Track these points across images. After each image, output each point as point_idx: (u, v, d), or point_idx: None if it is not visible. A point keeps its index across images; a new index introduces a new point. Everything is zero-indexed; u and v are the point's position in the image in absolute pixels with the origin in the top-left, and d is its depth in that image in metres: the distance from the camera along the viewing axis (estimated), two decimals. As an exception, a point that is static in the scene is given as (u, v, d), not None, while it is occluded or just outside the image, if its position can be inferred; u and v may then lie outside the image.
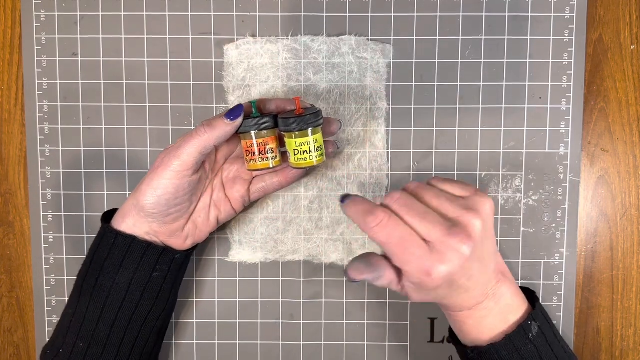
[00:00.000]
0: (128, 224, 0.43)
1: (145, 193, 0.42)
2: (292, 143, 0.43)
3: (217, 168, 0.47)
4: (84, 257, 0.52)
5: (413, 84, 0.51)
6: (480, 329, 0.40)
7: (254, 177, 0.48)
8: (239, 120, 0.42)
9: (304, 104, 0.45)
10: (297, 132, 0.43)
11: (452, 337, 0.44)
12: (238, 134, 0.44)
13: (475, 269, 0.37)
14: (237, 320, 0.53)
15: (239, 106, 0.42)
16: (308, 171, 0.50)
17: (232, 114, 0.42)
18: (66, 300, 0.46)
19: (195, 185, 0.43)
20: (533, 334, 0.39)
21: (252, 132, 0.44)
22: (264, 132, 0.44)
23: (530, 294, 0.43)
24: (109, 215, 0.45)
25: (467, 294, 0.38)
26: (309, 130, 0.43)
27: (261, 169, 0.45)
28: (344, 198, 0.39)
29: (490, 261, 0.38)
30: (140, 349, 0.44)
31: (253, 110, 0.44)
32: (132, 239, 0.43)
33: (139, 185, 0.43)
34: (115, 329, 0.43)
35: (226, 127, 0.42)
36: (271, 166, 0.45)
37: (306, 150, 0.43)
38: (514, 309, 0.40)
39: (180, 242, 0.45)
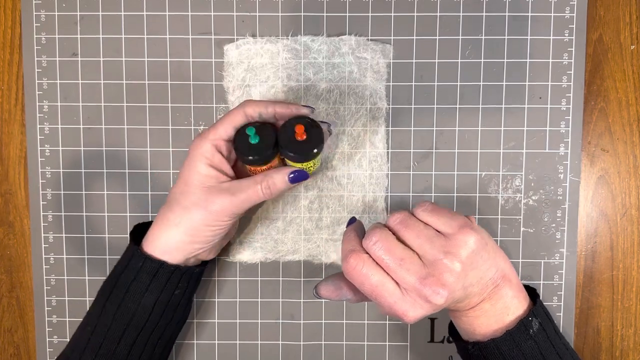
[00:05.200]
0: (166, 256, 0.43)
1: (201, 234, 0.42)
2: (294, 165, 0.43)
3: None
4: (83, 256, 0.52)
5: (413, 84, 0.51)
6: (477, 326, 0.40)
7: None
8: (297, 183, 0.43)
9: (302, 110, 0.43)
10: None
11: (452, 333, 0.44)
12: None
13: (461, 294, 0.37)
14: (237, 320, 0.53)
15: (304, 175, 0.42)
16: None
17: (297, 180, 0.42)
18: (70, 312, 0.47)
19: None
20: (534, 329, 0.39)
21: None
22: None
23: (531, 292, 0.43)
24: (137, 230, 0.46)
25: (459, 304, 0.39)
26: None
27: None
28: (349, 222, 0.42)
29: (481, 279, 0.38)
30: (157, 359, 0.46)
31: (250, 135, 0.41)
32: (160, 264, 0.43)
33: (182, 221, 0.42)
34: (135, 347, 0.43)
35: (286, 188, 0.43)
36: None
37: (309, 167, 0.44)
38: (512, 309, 0.40)
39: (211, 255, 0.47)
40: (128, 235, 0.46)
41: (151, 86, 0.51)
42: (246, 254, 0.52)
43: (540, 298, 0.49)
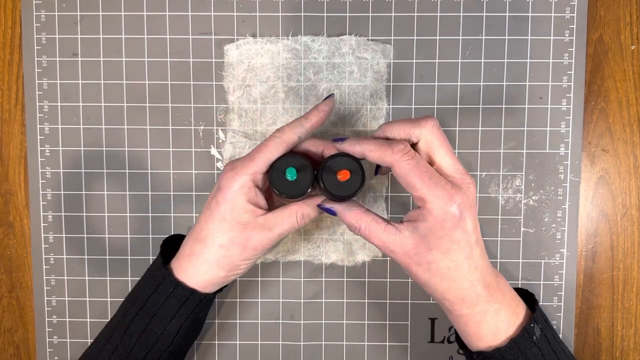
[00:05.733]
0: (206, 288, 0.43)
1: (241, 268, 0.42)
2: None
3: None
4: (84, 257, 0.52)
5: (413, 84, 0.51)
6: (480, 334, 0.40)
7: None
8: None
9: (332, 148, 0.42)
10: None
11: (459, 342, 0.44)
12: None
13: (472, 239, 0.38)
14: (238, 321, 0.53)
15: (332, 212, 0.41)
16: None
17: (328, 210, 0.41)
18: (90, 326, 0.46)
19: None
20: (537, 336, 0.39)
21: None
22: None
23: (528, 296, 0.43)
24: (168, 243, 0.46)
25: (452, 277, 0.38)
26: None
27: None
28: (339, 139, 0.41)
29: (482, 257, 0.39)
30: None
31: (288, 176, 0.40)
32: (190, 293, 0.42)
33: (225, 261, 0.41)
34: None
35: (317, 215, 0.43)
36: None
37: None
38: (511, 315, 0.40)
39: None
40: (157, 249, 0.45)
41: (151, 86, 0.51)
42: (246, 254, 0.52)
43: (540, 300, 0.49)
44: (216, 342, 0.53)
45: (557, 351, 0.40)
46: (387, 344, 0.53)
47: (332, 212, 0.41)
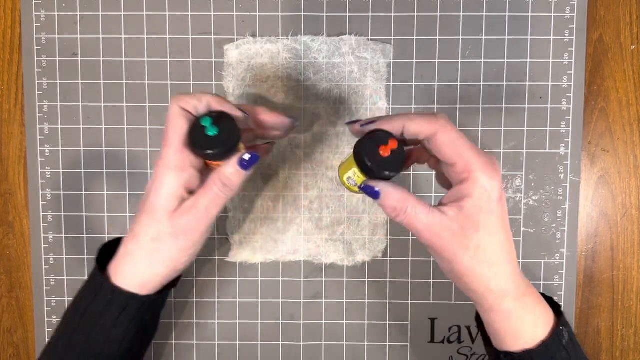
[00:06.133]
0: (142, 287, 0.40)
1: (180, 260, 0.40)
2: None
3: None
4: (83, 257, 0.52)
5: (413, 84, 0.51)
6: (519, 332, 0.38)
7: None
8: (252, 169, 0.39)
9: (287, 121, 0.40)
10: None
11: (485, 341, 0.43)
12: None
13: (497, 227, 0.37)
14: (237, 321, 0.53)
15: (255, 157, 0.38)
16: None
17: (249, 166, 0.38)
18: (51, 317, 0.44)
19: None
20: (566, 339, 0.39)
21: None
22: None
23: (550, 301, 0.42)
24: (106, 251, 0.43)
25: (499, 262, 0.37)
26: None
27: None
28: (367, 123, 0.38)
29: (508, 241, 0.38)
30: None
31: (207, 126, 0.37)
32: (130, 298, 0.40)
33: (158, 254, 0.39)
34: None
35: (244, 176, 0.39)
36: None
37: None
38: (541, 318, 0.39)
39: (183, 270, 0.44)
40: (95, 258, 0.43)
41: (151, 86, 0.51)
42: (246, 254, 0.52)
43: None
44: (216, 342, 0.53)
45: (580, 356, 0.40)
46: (387, 344, 0.53)
47: (375, 193, 0.38)
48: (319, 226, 0.52)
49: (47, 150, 0.52)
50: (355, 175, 0.38)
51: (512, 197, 0.51)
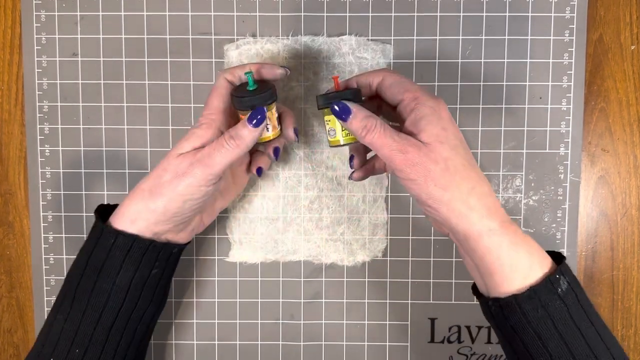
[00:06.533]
0: (138, 226, 0.40)
1: (171, 199, 0.40)
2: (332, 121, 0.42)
3: None
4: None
5: (413, 84, 0.51)
6: (500, 268, 0.36)
7: (251, 153, 0.48)
8: (263, 124, 0.40)
9: (278, 71, 0.43)
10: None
11: (474, 290, 0.41)
12: (236, 109, 0.42)
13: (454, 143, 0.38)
14: (237, 321, 0.53)
15: (261, 110, 0.40)
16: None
17: (254, 119, 0.40)
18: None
19: (218, 188, 0.42)
20: (562, 289, 0.35)
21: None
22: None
23: (554, 254, 0.39)
24: (104, 212, 0.43)
25: (472, 176, 0.37)
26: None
27: (265, 142, 0.43)
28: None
29: (469, 164, 0.38)
30: (135, 349, 0.43)
31: (250, 83, 0.41)
32: (134, 239, 0.40)
33: (156, 189, 0.40)
34: (114, 331, 0.41)
35: (253, 135, 0.40)
36: (272, 137, 0.43)
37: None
38: (533, 262, 0.36)
39: (185, 236, 0.44)
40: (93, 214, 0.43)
41: (151, 86, 0.51)
42: (246, 254, 0.52)
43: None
44: (216, 342, 0.53)
45: (589, 313, 0.36)
46: (387, 344, 0.53)
47: (347, 109, 0.39)
48: (319, 226, 0.52)
49: (47, 150, 0.52)
50: (330, 122, 0.41)
51: (512, 197, 0.51)
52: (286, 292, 0.52)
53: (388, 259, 0.52)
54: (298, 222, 0.52)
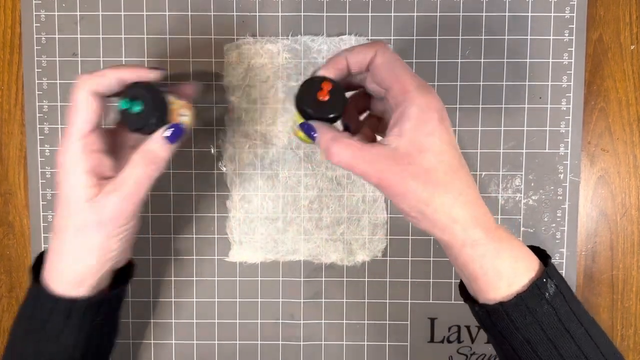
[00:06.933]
0: (86, 284, 0.38)
1: (110, 248, 0.37)
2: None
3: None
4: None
5: (413, 84, 0.51)
6: (484, 276, 0.35)
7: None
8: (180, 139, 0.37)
9: (151, 74, 0.38)
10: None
11: (462, 291, 0.40)
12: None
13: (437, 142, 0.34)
14: (237, 320, 0.53)
15: (179, 129, 0.37)
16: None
17: (174, 136, 0.37)
18: None
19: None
20: (550, 293, 0.34)
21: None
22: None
23: (539, 253, 0.38)
24: (39, 265, 0.40)
25: (455, 185, 0.34)
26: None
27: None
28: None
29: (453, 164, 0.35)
30: None
31: (128, 108, 0.37)
32: (72, 303, 0.37)
33: (83, 245, 0.36)
34: None
35: (165, 152, 0.37)
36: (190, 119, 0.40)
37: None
38: (520, 259, 0.35)
39: (126, 258, 0.42)
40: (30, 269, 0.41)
41: (151, 86, 0.51)
42: (246, 254, 0.52)
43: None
44: (216, 342, 0.53)
45: (577, 312, 0.35)
46: (387, 344, 0.53)
47: (312, 130, 0.36)
48: (319, 226, 0.52)
49: (47, 150, 0.52)
50: (297, 119, 0.38)
51: (512, 197, 0.51)
52: (286, 292, 0.52)
53: (388, 258, 0.52)
54: (298, 222, 0.52)
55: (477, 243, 0.34)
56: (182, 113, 0.39)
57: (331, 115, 0.37)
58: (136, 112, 0.36)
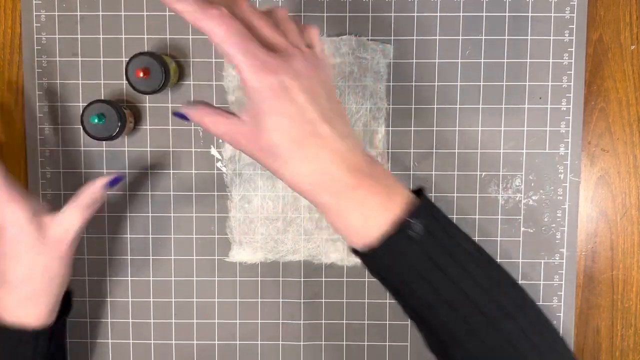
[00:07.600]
0: (37, 315, 0.43)
1: (67, 277, 0.45)
2: None
3: None
4: (83, 257, 0.52)
5: (413, 84, 0.51)
6: (348, 228, 0.35)
7: None
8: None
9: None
10: None
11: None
12: None
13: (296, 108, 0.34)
14: (237, 321, 0.53)
15: (117, 180, 0.46)
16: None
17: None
18: None
19: None
20: (416, 232, 0.33)
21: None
22: None
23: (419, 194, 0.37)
24: None
25: (299, 158, 0.34)
26: None
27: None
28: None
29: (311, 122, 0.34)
30: None
31: (94, 122, 0.47)
32: (21, 332, 0.42)
33: (42, 281, 0.44)
34: None
35: (104, 195, 0.46)
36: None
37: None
38: (373, 208, 0.34)
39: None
40: None
41: (151, 86, 0.51)
42: (246, 254, 0.52)
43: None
44: (216, 342, 0.53)
45: (453, 253, 0.34)
46: (387, 344, 0.53)
47: (183, 116, 0.37)
48: (319, 226, 0.52)
49: (47, 151, 0.52)
50: None
51: (512, 197, 0.51)
52: (286, 292, 0.52)
53: (388, 259, 0.52)
54: (298, 222, 0.52)
55: (341, 197, 0.34)
56: (130, 120, 0.50)
57: (155, 89, 0.47)
58: (101, 123, 0.47)
